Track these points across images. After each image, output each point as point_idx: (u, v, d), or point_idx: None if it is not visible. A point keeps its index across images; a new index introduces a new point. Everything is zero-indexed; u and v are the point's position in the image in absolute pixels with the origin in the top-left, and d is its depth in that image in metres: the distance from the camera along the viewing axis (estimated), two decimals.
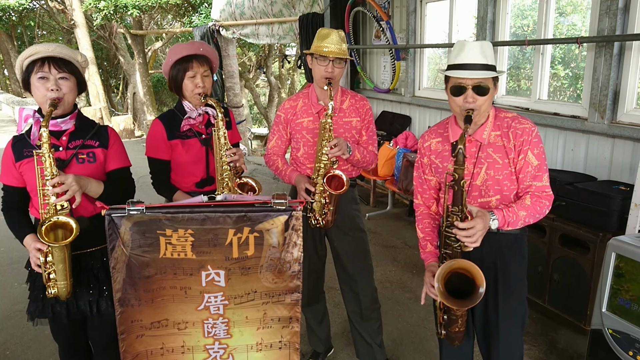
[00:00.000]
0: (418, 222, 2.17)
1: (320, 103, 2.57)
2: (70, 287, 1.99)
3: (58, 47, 1.98)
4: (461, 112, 1.87)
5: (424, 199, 2.16)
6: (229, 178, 2.28)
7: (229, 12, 8.23)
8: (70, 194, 1.87)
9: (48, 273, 1.95)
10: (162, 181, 2.47)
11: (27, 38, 18.01)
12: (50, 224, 1.86)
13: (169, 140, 2.39)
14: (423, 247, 2.12)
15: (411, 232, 5.17)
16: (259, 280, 1.82)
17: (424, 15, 5.48)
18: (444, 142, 2.03)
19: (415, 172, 2.18)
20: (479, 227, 1.75)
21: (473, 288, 1.75)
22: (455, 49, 1.89)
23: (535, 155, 1.93)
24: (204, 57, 2.37)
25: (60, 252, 1.90)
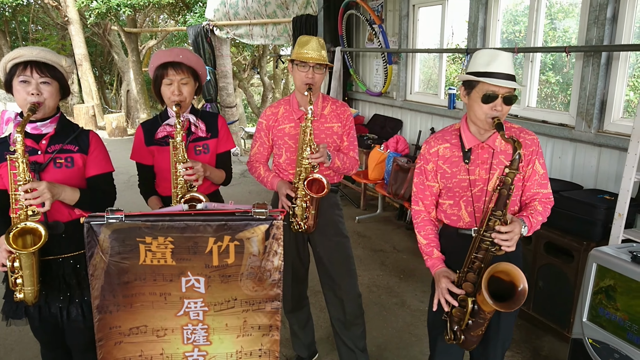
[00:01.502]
0: (420, 229, 2.17)
1: (301, 109, 2.59)
2: (37, 293, 1.99)
3: (42, 51, 1.97)
4: (486, 119, 1.90)
5: (425, 205, 2.17)
6: (182, 192, 2.25)
7: (223, 12, 8.22)
8: (41, 200, 1.85)
9: (15, 278, 1.95)
10: (143, 184, 2.51)
11: (21, 33, 17.87)
12: (18, 230, 1.85)
13: (147, 145, 2.42)
14: (429, 253, 2.11)
15: (400, 236, 5.19)
16: (239, 288, 1.82)
17: (416, 19, 5.50)
18: (453, 148, 2.06)
19: (417, 179, 2.18)
20: (517, 232, 1.83)
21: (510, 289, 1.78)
22: (484, 56, 1.90)
23: (541, 164, 2.05)
24: (183, 65, 2.35)
25: (28, 258, 1.89)
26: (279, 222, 1.77)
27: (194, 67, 2.40)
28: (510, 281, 1.80)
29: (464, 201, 2.06)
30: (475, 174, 2.02)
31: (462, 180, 2.04)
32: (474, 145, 2.01)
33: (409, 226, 5.43)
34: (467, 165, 2.02)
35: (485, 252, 1.88)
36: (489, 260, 1.88)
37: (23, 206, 1.87)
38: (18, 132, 1.82)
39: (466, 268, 1.94)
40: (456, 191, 2.06)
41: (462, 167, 2.04)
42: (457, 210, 2.09)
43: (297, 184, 2.47)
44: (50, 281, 2.05)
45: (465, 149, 2.03)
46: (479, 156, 2.02)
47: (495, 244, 1.84)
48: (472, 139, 2.01)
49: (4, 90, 2.05)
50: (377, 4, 6.05)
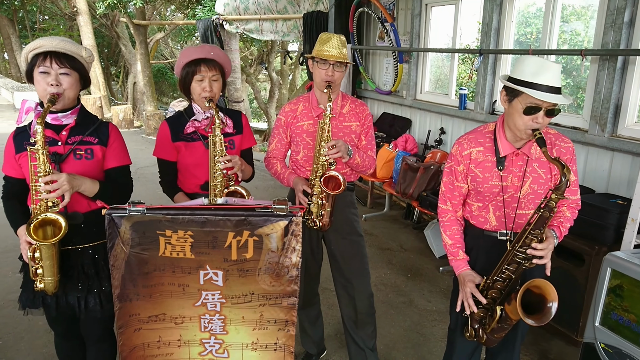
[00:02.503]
0: (446, 229, 2.16)
1: (320, 106, 2.59)
2: (58, 283, 2.00)
3: (62, 42, 1.97)
4: (525, 130, 1.86)
5: (453, 204, 2.16)
6: (222, 185, 2.26)
7: (233, 6, 8.20)
8: (60, 192, 1.87)
9: (35, 268, 1.96)
10: (167, 182, 2.49)
11: (29, 23, 17.91)
12: (39, 221, 1.87)
13: (173, 142, 2.40)
14: (454, 254, 2.11)
15: (407, 235, 5.19)
16: (256, 282, 1.83)
17: (429, 19, 5.48)
18: (487, 152, 2.03)
19: (446, 178, 2.16)
20: (551, 248, 1.85)
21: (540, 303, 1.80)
22: (533, 65, 1.83)
23: (573, 171, 2.02)
24: (214, 61, 2.37)
25: (48, 249, 1.90)
26: (298, 219, 1.77)
27: (223, 64, 2.41)
28: (539, 294, 1.81)
29: (493, 205, 2.05)
30: (508, 180, 2.00)
31: (493, 186, 2.03)
32: (509, 153, 1.99)
33: (415, 225, 5.44)
34: (501, 172, 2.00)
35: (518, 266, 1.89)
36: (520, 273, 1.90)
37: (43, 197, 1.88)
38: (38, 123, 1.82)
39: (495, 276, 1.95)
40: (486, 195, 2.06)
41: (494, 173, 2.02)
42: (485, 213, 2.08)
43: (313, 180, 2.47)
44: (69, 271, 2.06)
45: (499, 156, 2.00)
46: (513, 163, 2.00)
47: (528, 258, 1.85)
48: (508, 146, 1.99)
49: (26, 80, 2.05)
50: (389, 2, 6.03)
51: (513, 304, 1.79)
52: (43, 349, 3.11)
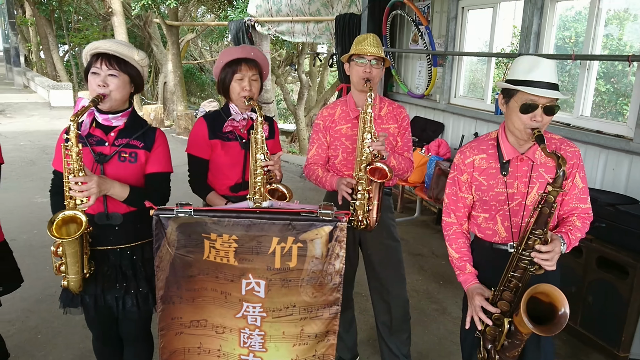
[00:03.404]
0: (451, 242, 2.11)
1: (358, 109, 2.56)
2: (82, 282, 2.01)
3: (115, 44, 2.00)
4: (525, 129, 1.82)
5: (457, 217, 2.10)
6: (262, 183, 2.25)
7: (265, 8, 8.24)
8: (88, 194, 1.88)
9: (60, 265, 1.98)
10: (198, 180, 2.47)
11: (65, 23, 18.38)
12: (61, 219, 1.88)
13: (209, 139, 2.39)
14: (461, 268, 2.05)
15: (439, 241, 5.11)
16: (298, 293, 1.80)
17: (465, 22, 5.40)
18: (490, 159, 1.98)
19: (449, 189, 2.12)
20: (557, 250, 1.75)
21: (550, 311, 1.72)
22: (524, 63, 1.83)
23: (581, 178, 1.95)
24: (254, 62, 2.37)
25: (70, 246, 1.90)
26: (343, 224, 1.75)
27: (262, 65, 2.42)
28: (549, 302, 1.73)
29: (500, 216, 1.98)
30: (514, 187, 1.94)
31: (499, 193, 1.96)
32: (513, 157, 1.94)
33: None
34: (505, 177, 1.94)
35: (524, 271, 1.81)
36: (527, 280, 1.82)
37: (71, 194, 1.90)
38: (71, 120, 1.84)
39: (502, 286, 1.88)
40: (492, 205, 1.98)
41: (499, 180, 1.96)
42: (493, 225, 2.01)
43: (357, 175, 2.41)
44: (107, 271, 2.08)
45: (503, 161, 1.95)
46: (517, 168, 1.94)
47: (534, 262, 1.77)
48: (511, 151, 1.93)
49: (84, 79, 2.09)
50: (424, 5, 5.98)
51: (520, 314, 1.71)
52: (80, 344, 3.16)
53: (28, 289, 2.29)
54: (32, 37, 21.37)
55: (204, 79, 21.54)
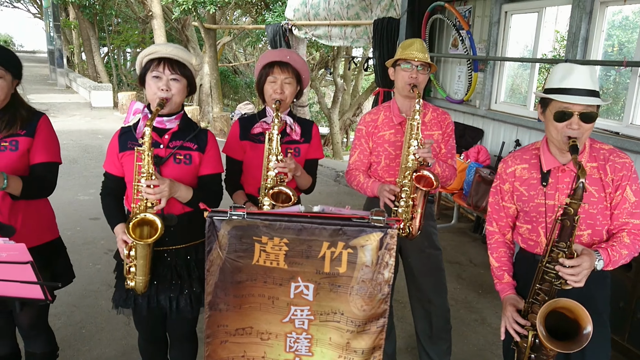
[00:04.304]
0: (492, 251, 2.08)
1: (402, 114, 2.54)
2: (147, 283, 2.05)
3: (175, 49, 2.03)
4: (562, 139, 1.78)
5: (499, 226, 2.07)
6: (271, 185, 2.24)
7: (303, 12, 8.29)
8: (160, 196, 1.92)
9: (129, 266, 2.02)
10: (231, 179, 2.50)
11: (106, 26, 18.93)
12: (138, 220, 1.92)
13: (241, 140, 2.43)
14: (499, 277, 2.03)
15: (477, 249, 5.02)
16: (347, 302, 1.77)
17: (508, 27, 5.30)
18: (532, 169, 1.94)
19: (492, 198, 2.08)
20: (585, 266, 1.69)
21: (573, 328, 1.67)
22: (559, 71, 1.80)
23: (633, 191, 1.86)
24: (288, 65, 2.37)
25: (143, 248, 1.95)
26: (394, 232, 1.73)
27: (299, 69, 2.41)
28: (575, 319, 1.68)
29: (542, 227, 1.93)
30: (555, 198, 1.89)
31: (539, 204, 1.91)
32: (554, 167, 1.88)
33: (485, 239, 5.24)
34: (545, 188, 1.89)
35: (550, 285, 1.76)
36: (554, 293, 1.76)
37: (143, 198, 1.94)
38: (147, 125, 1.88)
39: (531, 299, 1.83)
40: (533, 216, 1.94)
41: (539, 191, 1.91)
42: (536, 236, 1.96)
43: (401, 182, 2.39)
44: (162, 271, 2.11)
45: (543, 171, 1.90)
46: (559, 180, 1.88)
47: (560, 276, 1.72)
48: (552, 161, 1.88)
49: (138, 83, 2.13)
50: (464, 9, 5.89)
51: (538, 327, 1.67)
52: (122, 340, 3.23)
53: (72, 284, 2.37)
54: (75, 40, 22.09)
55: (237, 82, 21.80)
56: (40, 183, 2.14)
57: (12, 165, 2.06)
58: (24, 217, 2.14)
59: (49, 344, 2.39)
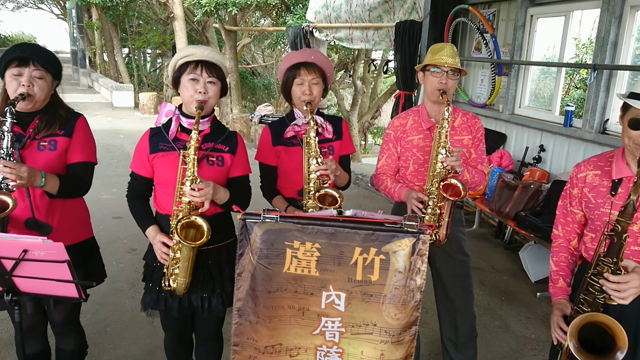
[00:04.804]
0: (553, 254, 2.03)
1: (431, 120, 2.52)
2: (188, 285, 2.07)
3: (212, 52, 2.05)
4: (634, 147, 1.71)
5: (565, 231, 2.01)
6: (315, 189, 2.25)
7: (324, 14, 8.30)
8: (204, 199, 1.93)
9: (173, 268, 2.03)
10: (267, 185, 2.50)
11: (127, 27, 19.19)
12: (186, 222, 1.93)
13: (273, 146, 2.42)
14: (554, 280, 1.99)
15: (498, 256, 4.96)
16: (380, 312, 1.75)
17: (534, 30, 5.24)
18: (603, 176, 1.86)
19: (561, 202, 2.03)
20: (633, 284, 1.62)
21: (610, 345, 1.62)
22: None
23: None
24: (314, 65, 2.37)
25: (189, 251, 1.96)
26: (426, 237, 1.72)
27: (324, 68, 2.41)
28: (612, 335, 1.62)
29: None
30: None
31: (604, 214, 1.83)
32: (626, 177, 1.80)
33: (507, 245, 5.20)
34: (613, 198, 1.81)
35: (593, 297, 1.71)
36: (597, 306, 1.71)
37: (186, 200, 1.95)
38: (195, 129, 1.90)
39: (576, 307, 1.79)
40: (597, 225, 1.87)
41: (607, 200, 1.83)
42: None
43: (428, 190, 2.38)
44: (195, 271, 2.11)
45: (614, 180, 1.82)
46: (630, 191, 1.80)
47: (603, 290, 1.67)
48: (624, 170, 1.80)
49: (172, 85, 2.15)
50: (489, 13, 5.84)
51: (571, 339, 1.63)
52: (146, 339, 3.26)
53: None
54: (97, 40, 22.43)
55: (255, 83, 21.91)
56: (76, 182, 2.17)
57: (50, 164, 2.09)
58: (61, 216, 2.18)
59: (79, 341, 2.42)
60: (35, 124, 2.10)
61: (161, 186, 2.15)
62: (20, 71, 2.02)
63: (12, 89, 2.02)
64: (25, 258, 1.63)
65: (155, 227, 2.12)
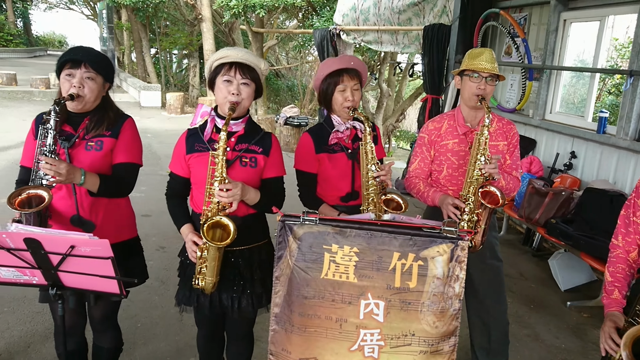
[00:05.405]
0: (610, 264, 1.98)
1: (467, 124, 2.51)
2: (216, 284, 2.09)
3: (246, 54, 2.07)
4: None
5: (625, 242, 1.94)
6: (375, 193, 2.25)
7: (352, 17, 8.30)
8: (232, 200, 1.96)
9: (200, 267, 2.07)
10: (308, 194, 2.48)
11: (155, 28, 19.50)
12: (213, 222, 1.96)
13: (316, 153, 2.40)
14: (609, 292, 1.93)
15: (527, 263, 4.90)
16: (418, 320, 1.72)
17: (567, 35, 5.16)
18: None
19: (624, 211, 1.97)
20: None
21: None
22: None
23: None
24: (355, 71, 2.37)
25: (216, 251, 1.99)
26: (465, 243, 1.71)
27: (362, 73, 2.42)
28: None
29: None
30: None
31: None
32: None
33: (535, 253, 5.12)
34: None
35: None
36: None
37: (214, 200, 1.98)
38: (223, 130, 1.92)
39: (630, 318, 1.74)
40: None
41: None
42: None
43: (465, 195, 2.37)
44: (225, 271, 2.14)
45: None
46: None
47: None
48: None
49: (207, 87, 2.18)
50: (520, 17, 5.77)
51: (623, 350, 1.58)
52: (176, 336, 3.31)
53: None
54: (125, 41, 22.85)
55: (279, 85, 22.02)
56: (118, 182, 2.22)
57: (95, 164, 2.15)
58: (105, 214, 2.23)
59: (116, 339, 2.46)
60: (85, 124, 2.16)
61: (196, 186, 2.18)
62: (73, 72, 2.08)
63: (65, 89, 2.10)
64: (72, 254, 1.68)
65: (189, 226, 2.16)
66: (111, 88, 2.27)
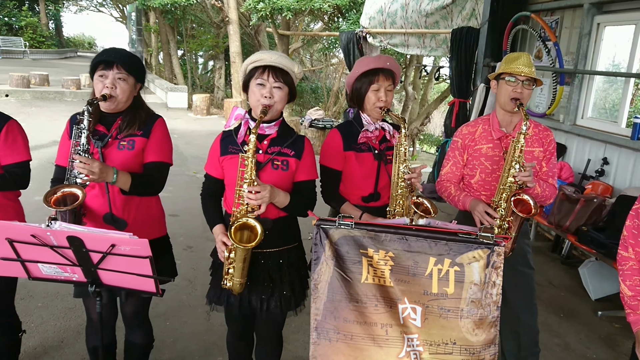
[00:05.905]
0: (625, 277, 1.93)
1: (502, 129, 2.48)
2: (244, 285, 2.11)
3: (279, 57, 2.09)
4: None
5: (636, 252, 1.91)
6: (403, 195, 2.25)
7: (379, 20, 8.29)
8: (261, 202, 1.97)
9: (228, 268, 2.09)
10: (331, 190, 2.48)
11: (182, 30, 19.79)
12: (240, 224, 1.98)
13: (344, 150, 2.40)
14: (633, 307, 1.89)
15: (555, 271, 4.81)
16: (458, 328, 1.68)
17: (600, 39, 5.06)
18: None
19: (630, 221, 1.94)
20: None
21: None
22: None
23: None
24: (390, 72, 2.37)
25: (243, 252, 2.01)
26: (501, 249, 1.69)
27: (396, 75, 2.41)
28: None
29: None
30: None
31: None
32: None
33: (564, 260, 5.03)
34: None
35: None
36: None
37: (244, 202, 2.00)
38: (253, 132, 1.94)
39: None
40: None
41: None
42: None
43: (497, 202, 2.34)
44: (255, 273, 2.16)
45: None
46: None
47: None
48: None
49: (242, 89, 2.21)
50: (551, 20, 5.69)
51: None
52: (204, 335, 3.34)
53: None
54: (153, 43, 23.24)
55: (303, 87, 22.08)
56: (147, 181, 2.26)
57: (127, 163, 2.20)
58: (136, 213, 2.28)
59: (147, 335, 2.51)
60: (117, 124, 2.21)
61: (229, 187, 2.21)
62: (105, 74, 2.14)
63: (98, 90, 2.16)
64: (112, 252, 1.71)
65: (221, 226, 2.19)
66: (142, 88, 2.32)
